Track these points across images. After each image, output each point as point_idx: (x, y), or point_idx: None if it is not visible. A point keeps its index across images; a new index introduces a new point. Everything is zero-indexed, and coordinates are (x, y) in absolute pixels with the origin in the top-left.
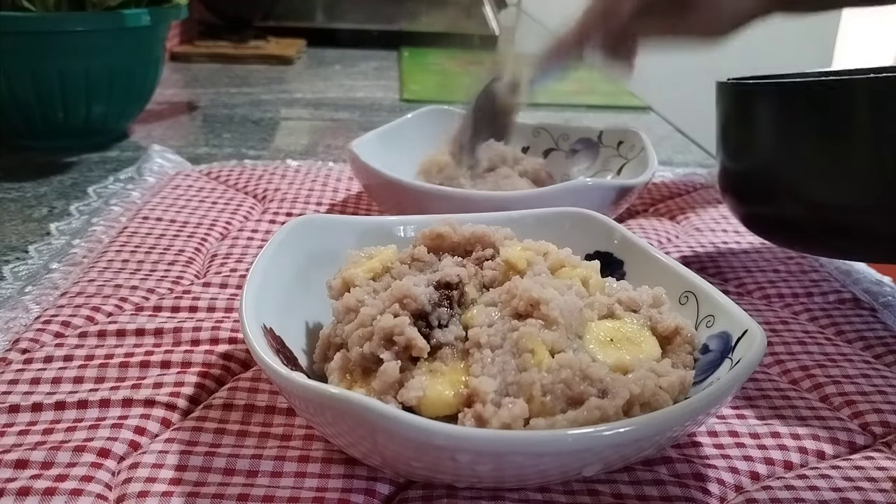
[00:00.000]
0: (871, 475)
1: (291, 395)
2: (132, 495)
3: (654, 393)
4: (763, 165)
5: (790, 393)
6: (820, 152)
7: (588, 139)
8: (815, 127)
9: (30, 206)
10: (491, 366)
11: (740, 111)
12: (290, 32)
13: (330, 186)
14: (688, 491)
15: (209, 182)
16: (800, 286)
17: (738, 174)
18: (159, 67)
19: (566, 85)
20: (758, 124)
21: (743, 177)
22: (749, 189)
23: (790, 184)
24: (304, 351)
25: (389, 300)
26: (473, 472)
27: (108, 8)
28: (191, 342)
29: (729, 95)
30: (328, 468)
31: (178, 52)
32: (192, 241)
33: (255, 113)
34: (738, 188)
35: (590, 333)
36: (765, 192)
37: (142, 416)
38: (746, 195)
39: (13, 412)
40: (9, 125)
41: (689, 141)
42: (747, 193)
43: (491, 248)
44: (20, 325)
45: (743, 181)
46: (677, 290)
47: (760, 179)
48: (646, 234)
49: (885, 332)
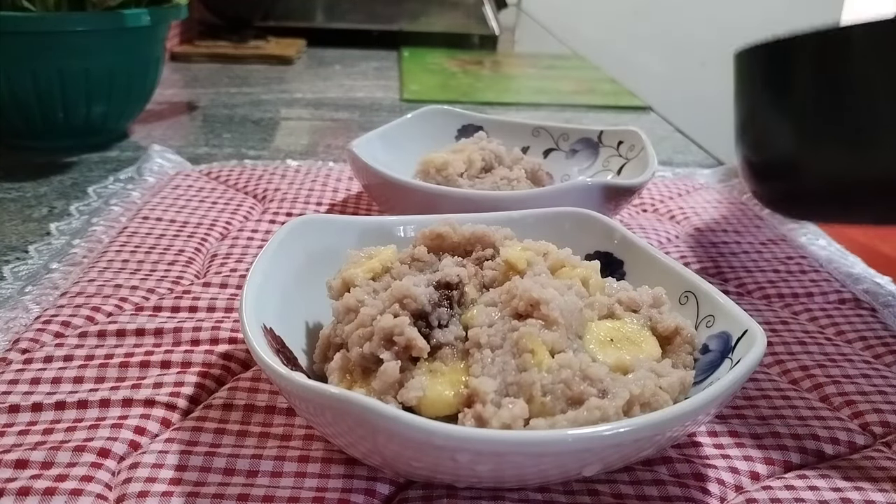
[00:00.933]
0: (871, 475)
1: (291, 395)
2: (132, 495)
3: (654, 393)
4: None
5: (790, 393)
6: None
7: (588, 139)
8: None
9: (30, 206)
10: (491, 366)
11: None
12: (290, 32)
13: (330, 186)
14: (688, 491)
15: (209, 182)
16: (800, 286)
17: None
18: (159, 67)
19: (566, 85)
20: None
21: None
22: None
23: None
24: (304, 351)
25: (389, 300)
26: (473, 472)
27: (108, 8)
28: (191, 342)
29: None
30: (328, 468)
31: (178, 52)
32: (192, 241)
33: (255, 113)
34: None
35: (590, 333)
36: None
37: (142, 416)
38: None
39: (13, 412)
40: (9, 125)
41: (689, 141)
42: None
43: (491, 248)
44: (20, 325)
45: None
46: (677, 290)
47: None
48: (646, 234)
49: (885, 332)
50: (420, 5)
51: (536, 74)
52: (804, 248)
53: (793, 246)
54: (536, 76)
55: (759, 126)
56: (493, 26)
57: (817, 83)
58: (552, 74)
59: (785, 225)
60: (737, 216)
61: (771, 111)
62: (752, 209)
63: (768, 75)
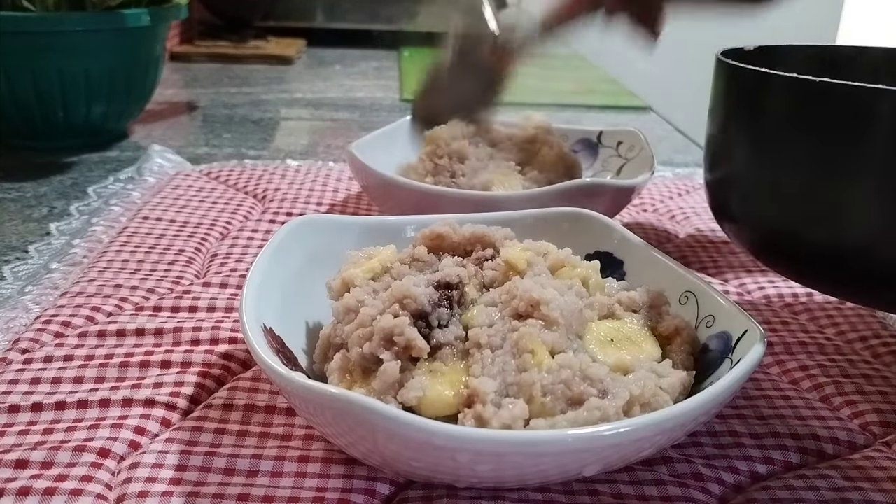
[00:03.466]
0: (871, 475)
1: (291, 395)
2: (132, 495)
3: (654, 393)
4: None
5: (790, 393)
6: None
7: (588, 139)
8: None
9: (30, 206)
10: (491, 366)
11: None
12: (290, 32)
13: (330, 186)
14: (688, 491)
15: (209, 182)
16: (800, 286)
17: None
18: (159, 67)
19: (566, 85)
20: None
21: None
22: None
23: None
24: (304, 351)
25: (389, 300)
26: (473, 472)
27: (108, 8)
28: (191, 342)
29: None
30: (328, 468)
31: (178, 52)
32: (192, 241)
33: (255, 113)
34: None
35: (590, 334)
36: None
37: (142, 416)
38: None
39: (13, 412)
40: (9, 125)
41: (689, 141)
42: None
43: (491, 249)
44: (20, 325)
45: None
46: (677, 290)
47: None
48: (646, 234)
49: (885, 332)
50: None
51: (536, 74)
52: None
53: None
54: (536, 76)
55: (722, 147)
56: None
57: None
58: (552, 74)
59: None
60: None
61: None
62: None
63: (740, 94)
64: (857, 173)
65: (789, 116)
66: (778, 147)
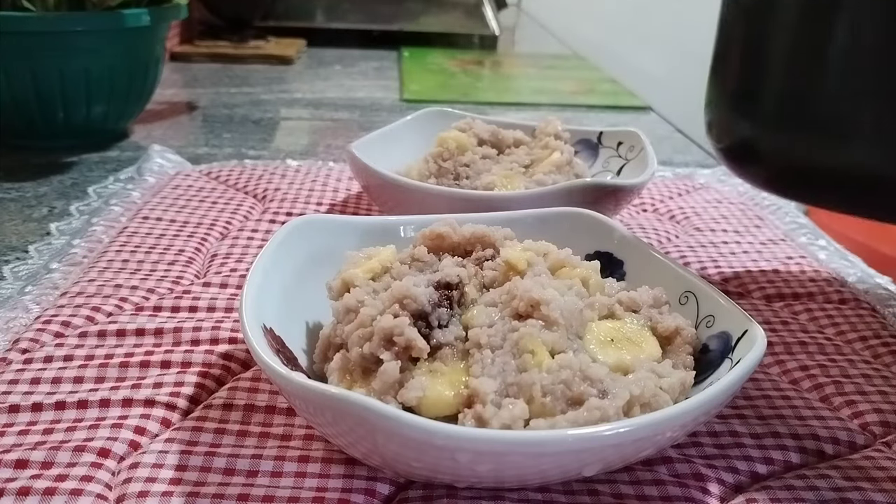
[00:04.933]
0: (872, 475)
1: (291, 395)
2: (132, 495)
3: (654, 393)
4: None
5: (790, 393)
6: None
7: (588, 140)
8: None
9: (30, 206)
10: (491, 366)
11: None
12: (290, 32)
13: (330, 186)
14: (688, 491)
15: (209, 182)
16: (800, 286)
17: None
18: (159, 67)
19: (566, 85)
20: None
21: None
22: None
23: None
24: (304, 351)
25: (389, 301)
26: (473, 472)
27: (108, 8)
28: (191, 342)
29: None
30: (328, 468)
31: (178, 52)
32: (192, 241)
33: (255, 113)
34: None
35: (590, 334)
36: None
37: (142, 416)
38: None
39: (13, 412)
40: (9, 125)
41: (690, 141)
42: None
43: (491, 249)
44: (20, 325)
45: None
46: (677, 290)
47: None
48: (646, 234)
49: (885, 332)
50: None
51: (536, 74)
52: (804, 248)
53: (793, 246)
54: (536, 76)
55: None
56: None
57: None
58: (552, 74)
59: (784, 222)
60: (737, 216)
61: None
62: (752, 209)
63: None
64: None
65: None
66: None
